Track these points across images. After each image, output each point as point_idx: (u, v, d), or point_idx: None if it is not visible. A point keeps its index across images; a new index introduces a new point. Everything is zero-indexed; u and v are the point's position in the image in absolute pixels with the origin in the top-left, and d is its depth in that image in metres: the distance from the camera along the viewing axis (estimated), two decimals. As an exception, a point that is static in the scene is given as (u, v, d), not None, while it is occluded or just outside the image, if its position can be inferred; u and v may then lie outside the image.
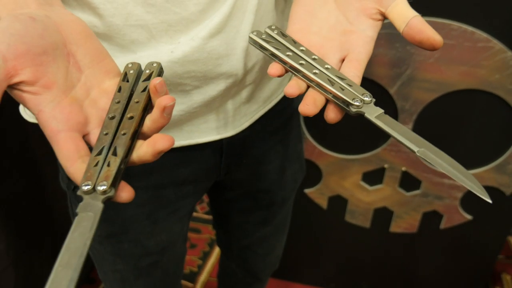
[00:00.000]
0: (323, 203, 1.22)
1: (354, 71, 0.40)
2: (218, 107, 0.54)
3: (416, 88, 0.99)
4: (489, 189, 1.10)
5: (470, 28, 0.89)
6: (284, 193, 0.74)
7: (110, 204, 0.57)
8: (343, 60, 0.42)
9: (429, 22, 0.93)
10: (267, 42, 0.42)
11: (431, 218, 1.18)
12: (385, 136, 1.06)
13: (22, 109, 0.56)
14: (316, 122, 1.08)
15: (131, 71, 0.38)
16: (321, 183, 1.18)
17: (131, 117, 0.35)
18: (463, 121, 1.02)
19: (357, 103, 0.38)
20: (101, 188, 0.32)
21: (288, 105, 0.65)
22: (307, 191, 1.20)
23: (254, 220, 0.76)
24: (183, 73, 0.47)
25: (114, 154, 0.34)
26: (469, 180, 0.35)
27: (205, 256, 1.52)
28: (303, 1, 0.44)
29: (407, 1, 0.40)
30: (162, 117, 0.34)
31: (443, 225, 1.18)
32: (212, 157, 0.59)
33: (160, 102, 0.34)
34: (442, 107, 1.00)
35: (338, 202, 1.21)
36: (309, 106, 0.38)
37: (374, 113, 0.38)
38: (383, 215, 1.21)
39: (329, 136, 1.11)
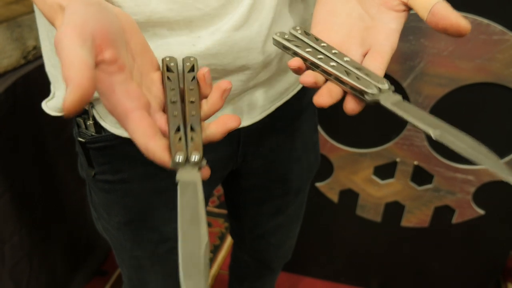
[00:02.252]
0: (334, 197, 1.22)
1: (376, 63, 0.40)
2: (234, 98, 0.54)
3: (429, 82, 0.98)
4: (502, 184, 1.09)
5: (485, 21, 0.88)
6: (299, 183, 0.74)
7: (128, 191, 0.58)
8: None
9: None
10: (289, 41, 0.43)
11: (443, 213, 1.17)
12: (397, 130, 1.06)
13: (44, 105, 0.56)
14: (328, 116, 1.08)
15: (172, 64, 0.40)
16: (332, 177, 1.18)
17: (193, 101, 0.38)
18: (477, 115, 1.01)
19: (371, 91, 0.37)
20: (194, 158, 0.34)
21: (304, 94, 0.65)
22: (318, 185, 1.20)
23: (268, 209, 0.76)
24: (203, 66, 0.47)
25: (192, 130, 0.36)
26: (494, 162, 0.34)
27: (216, 250, 1.53)
28: (325, 0, 0.44)
29: None
30: (220, 100, 0.37)
31: (455, 220, 1.18)
32: (229, 146, 0.60)
33: (220, 85, 0.37)
34: (455, 101, 1.00)
35: (349, 196, 1.21)
36: (323, 96, 0.38)
37: (390, 100, 0.38)
38: (394, 210, 1.20)
39: (340, 130, 1.11)
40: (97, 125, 0.53)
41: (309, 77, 0.39)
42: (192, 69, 0.41)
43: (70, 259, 1.27)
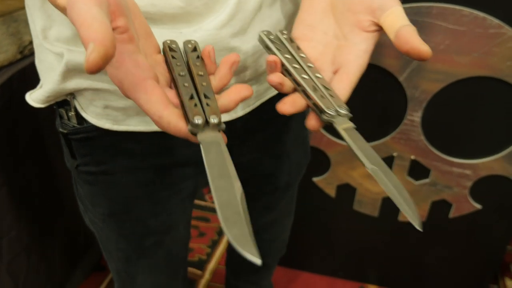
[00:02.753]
0: (332, 192, 1.22)
1: (342, 84, 0.41)
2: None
3: (426, 76, 0.98)
4: (499, 178, 1.09)
5: (481, 14, 0.88)
6: (288, 179, 0.74)
7: (111, 183, 0.58)
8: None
9: (440, 8, 0.92)
10: (273, 43, 0.44)
11: (440, 207, 1.18)
12: (394, 124, 1.06)
13: (28, 96, 0.56)
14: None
15: (173, 45, 0.41)
16: (329, 171, 1.18)
17: (201, 75, 0.39)
18: (473, 109, 1.01)
19: (329, 112, 0.39)
20: (214, 120, 0.34)
21: None
22: (315, 179, 1.21)
23: (259, 205, 0.76)
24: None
25: (206, 97, 0.36)
26: (408, 206, 0.35)
27: (214, 245, 1.53)
28: (305, 15, 0.46)
29: (402, 8, 0.40)
30: (229, 73, 0.39)
31: (452, 214, 1.18)
32: None
33: (228, 58, 0.38)
34: (452, 95, 0.99)
35: (347, 191, 1.21)
36: (286, 105, 0.40)
37: (343, 125, 0.40)
38: (391, 204, 1.20)
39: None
40: (78, 116, 0.53)
41: (276, 77, 0.41)
42: (194, 49, 0.42)
43: (69, 254, 1.27)
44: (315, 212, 1.28)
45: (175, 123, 0.33)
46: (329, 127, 0.42)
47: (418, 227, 0.34)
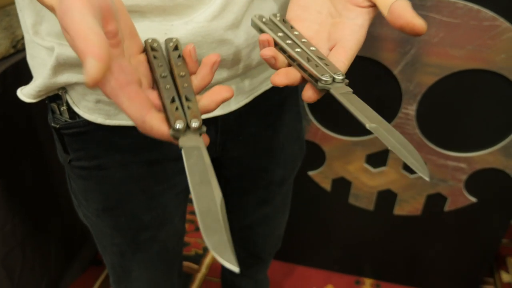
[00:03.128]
0: (327, 185, 1.22)
1: (339, 57, 0.41)
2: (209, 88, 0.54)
3: (420, 69, 0.97)
4: (494, 171, 1.09)
5: (475, 6, 0.87)
6: (282, 173, 0.74)
7: (104, 178, 0.58)
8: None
9: (434, 1, 0.92)
10: (265, 25, 0.44)
11: (435, 201, 1.18)
12: (389, 118, 1.06)
13: (19, 92, 0.56)
14: (320, 104, 1.07)
15: (155, 44, 0.41)
16: (324, 165, 1.18)
17: (182, 75, 0.39)
18: (468, 103, 1.01)
19: (324, 79, 0.39)
20: (194, 124, 0.35)
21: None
22: (310, 173, 1.20)
23: (254, 200, 0.76)
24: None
25: (188, 100, 0.37)
26: (414, 158, 0.36)
27: (210, 239, 1.53)
28: None
29: None
30: (210, 73, 0.39)
31: (447, 207, 1.18)
32: (207, 133, 0.59)
33: (209, 59, 0.38)
34: (447, 88, 0.99)
35: (342, 185, 1.21)
36: (279, 75, 0.40)
37: (340, 91, 0.39)
38: (387, 198, 1.21)
39: (332, 119, 1.11)
40: (70, 111, 0.53)
41: (269, 51, 0.41)
42: (176, 48, 0.42)
43: (65, 248, 1.27)
44: (310, 206, 1.28)
45: (157, 127, 0.33)
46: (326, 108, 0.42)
47: (426, 177, 0.34)
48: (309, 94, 0.40)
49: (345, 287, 1.38)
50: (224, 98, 0.37)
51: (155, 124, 0.33)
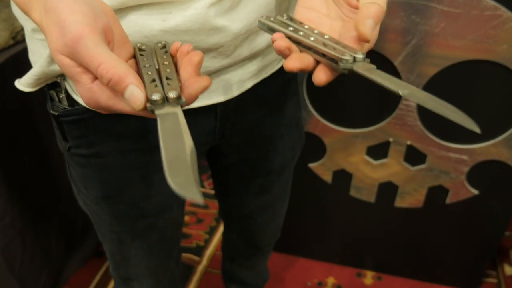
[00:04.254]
0: (328, 177, 1.22)
1: (355, 46, 0.41)
2: (210, 75, 0.54)
3: (421, 59, 0.96)
4: (496, 163, 1.08)
5: (477, -4, 0.86)
6: (282, 161, 0.74)
7: (103, 166, 0.58)
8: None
9: (434, -11, 0.90)
10: (274, 23, 0.44)
11: (437, 193, 1.17)
12: (390, 109, 1.05)
13: (17, 82, 0.56)
14: (320, 96, 1.07)
15: (144, 46, 0.42)
16: (325, 157, 1.18)
17: (166, 64, 0.39)
18: (469, 93, 1.00)
19: (346, 58, 0.38)
20: (172, 95, 0.34)
21: (284, 71, 0.65)
22: (311, 165, 1.20)
23: (253, 188, 0.76)
24: (174, 42, 0.47)
25: (168, 79, 0.36)
26: (457, 114, 0.37)
27: (212, 231, 1.53)
28: (305, 0, 0.46)
29: None
30: (196, 72, 0.38)
31: (449, 200, 1.17)
32: (206, 121, 0.59)
33: (191, 60, 0.38)
34: (448, 78, 0.98)
35: (343, 177, 1.21)
36: (293, 60, 0.39)
37: (364, 67, 0.39)
38: (388, 190, 1.20)
39: (333, 110, 1.10)
40: (69, 98, 0.53)
41: (284, 42, 0.40)
42: (163, 47, 0.42)
43: (66, 240, 1.28)
44: (311, 198, 1.28)
45: (137, 93, 0.33)
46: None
47: (476, 129, 0.36)
48: (320, 76, 0.39)
49: (346, 279, 1.38)
50: (199, 90, 0.36)
51: (135, 89, 0.33)
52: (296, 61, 0.39)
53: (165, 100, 0.34)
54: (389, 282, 1.38)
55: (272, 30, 0.44)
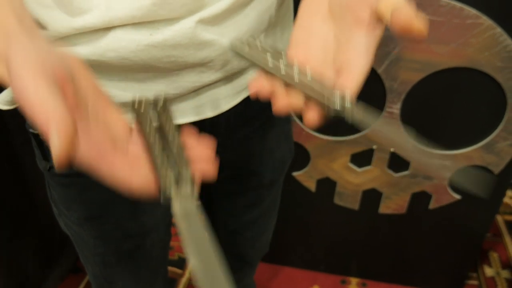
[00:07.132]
0: (312, 186, 1.21)
1: (345, 83, 0.39)
2: (198, 91, 0.52)
3: (404, 67, 0.97)
4: (478, 168, 1.09)
5: (458, 4, 0.87)
6: (272, 175, 0.72)
7: (87, 185, 0.56)
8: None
9: (418, -2, 0.90)
10: (249, 48, 0.41)
11: (420, 199, 1.18)
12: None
13: None
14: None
15: (139, 106, 0.39)
16: (309, 165, 1.17)
17: (172, 140, 0.36)
18: (451, 100, 1.01)
19: (334, 106, 0.38)
20: (187, 189, 0.33)
21: None
22: (295, 174, 1.19)
23: (242, 203, 0.74)
24: (162, 57, 0.46)
25: (178, 163, 0.35)
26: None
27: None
28: (304, 21, 0.43)
29: None
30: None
31: (432, 205, 1.18)
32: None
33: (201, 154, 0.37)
34: (430, 86, 0.99)
35: (327, 185, 1.20)
36: (281, 102, 0.38)
37: (353, 115, 0.38)
38: (372, 197, 1.20)
39: (316, 118, 1.09)
40: None
41: (264, 90, 0.38)
42: (164, 106, 0.39)
43: (43, 256, 1.23)
44: (295, 207, 1.27)
45: (148, 188, 0.33)
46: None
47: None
48: (310, 117, 0.39)
49: (331, 287, 1.38)
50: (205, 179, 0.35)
51: (144, 184, 0.33)
52: (286, 105, 0.38)
53: (177, 186, 0.33)
54: (374, 288, 1.38)
55: (243, 57, 0.41)
